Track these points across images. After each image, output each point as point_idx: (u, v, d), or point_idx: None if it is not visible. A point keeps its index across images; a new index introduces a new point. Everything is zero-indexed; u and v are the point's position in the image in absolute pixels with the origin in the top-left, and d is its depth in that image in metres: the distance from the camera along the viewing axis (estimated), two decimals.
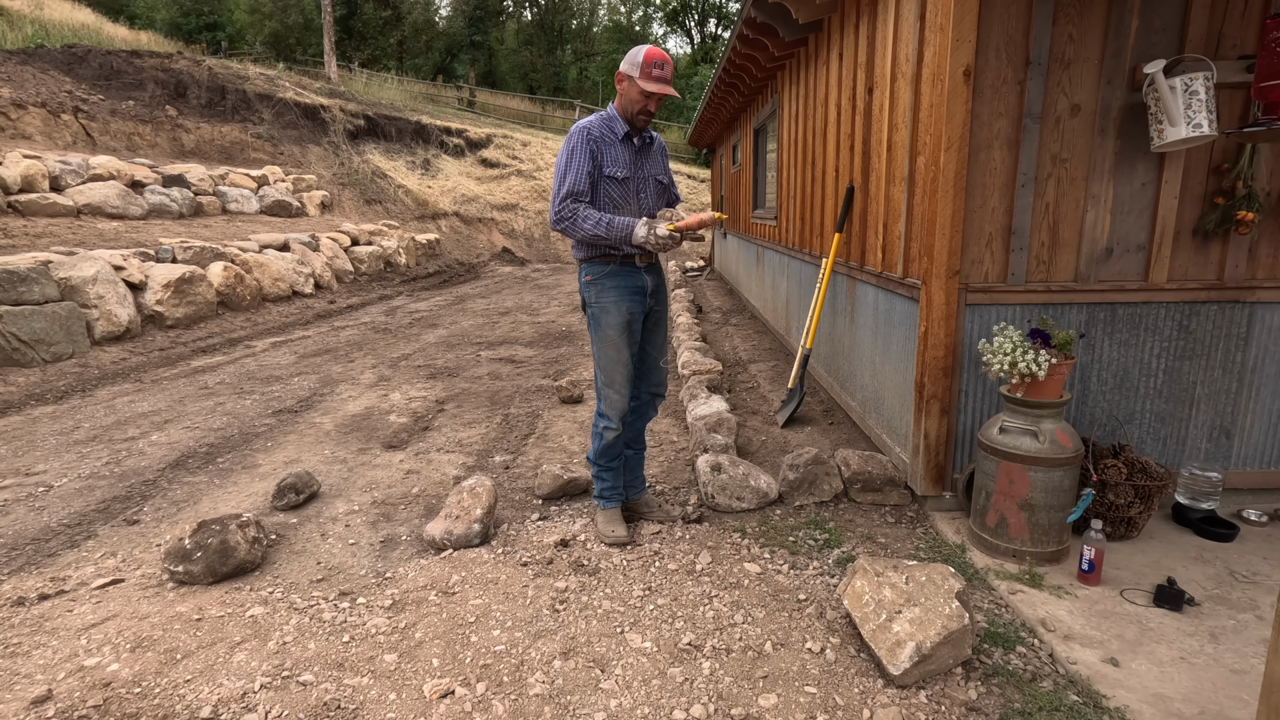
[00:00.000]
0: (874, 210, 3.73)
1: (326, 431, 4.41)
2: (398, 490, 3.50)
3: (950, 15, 2.65)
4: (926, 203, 2.91)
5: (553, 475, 3.35)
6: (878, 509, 3.19)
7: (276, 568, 2.76)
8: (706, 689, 2.04)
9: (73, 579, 2.68)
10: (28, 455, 4.00)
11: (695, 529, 3.01)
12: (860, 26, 3.90)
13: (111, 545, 2.95)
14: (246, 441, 4.23)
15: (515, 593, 2.54)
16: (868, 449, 3.70)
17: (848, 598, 2.26)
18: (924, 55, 3.00)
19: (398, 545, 2.94)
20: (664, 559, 2.77)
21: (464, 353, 6.79)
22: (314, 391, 5.37)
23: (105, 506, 3.33)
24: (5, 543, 2.96)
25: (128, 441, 4.22)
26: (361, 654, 2.21)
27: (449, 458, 3.96)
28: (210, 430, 4.43)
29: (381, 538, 3.01)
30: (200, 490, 3.52)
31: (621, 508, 3.05)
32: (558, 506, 3.26)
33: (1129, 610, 2.37)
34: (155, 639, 2.29)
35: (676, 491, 3.41)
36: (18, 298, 5.77)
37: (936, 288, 2.88)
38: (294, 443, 4.21)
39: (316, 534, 3.04)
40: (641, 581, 2.61)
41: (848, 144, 4.18)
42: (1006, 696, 1.99)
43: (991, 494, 2.69)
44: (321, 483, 3.52)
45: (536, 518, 3.14)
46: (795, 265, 5.91)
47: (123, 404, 5.02)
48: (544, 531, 3.00)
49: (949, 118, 2.72)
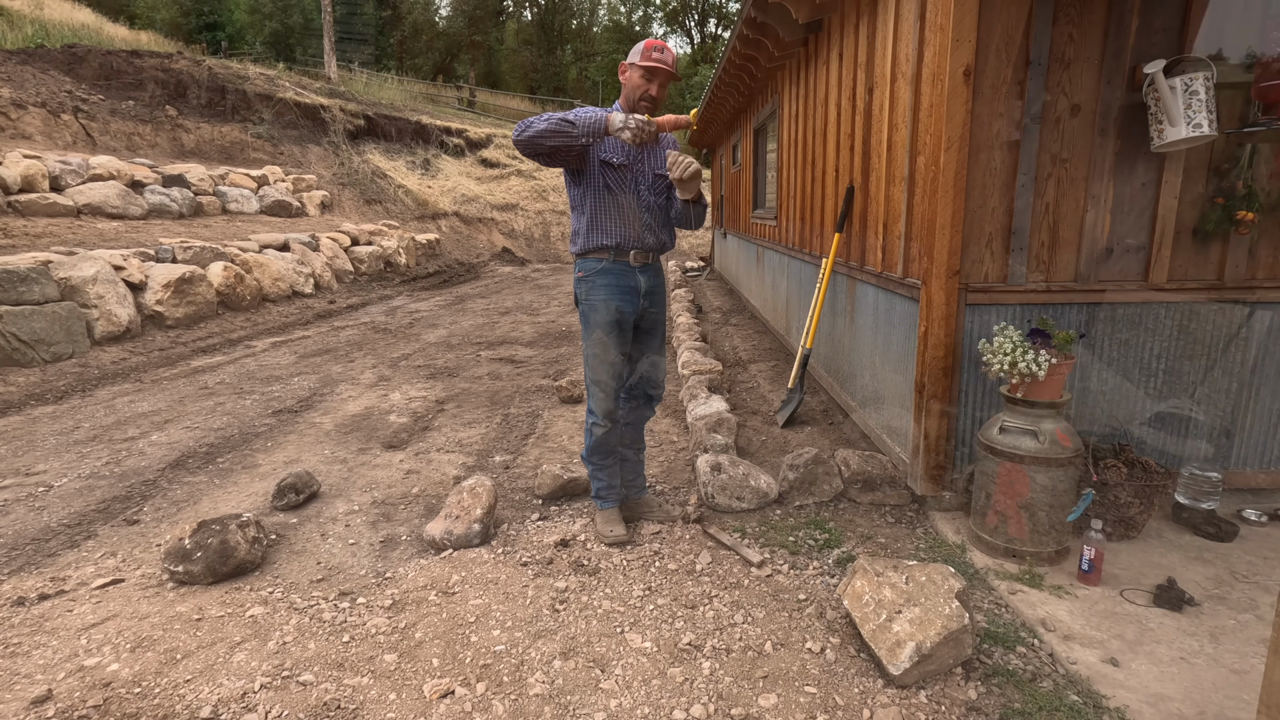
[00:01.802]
0: (874, 210, 3.73)
1: (326, 431, 4.41)
2: (397, 490, 3.50)
3: (950, 15, 2.65)
4: (926, 203, 2.91)
5: (553, 475, 3.35)
6: (878, 509, 3.19)
7: (277, 568, 2.76)
8: (706, 689, 2.03)
9: (73, 579, 2.68)
10: (27, 455, 4.00)
11: (694, 529, 3.01)
12: (860, 26, 3.89)
13: (111, 545, 2.95)
14: (246, 441, 4.23)
15: (515, 593, 2.54)
16: (868, 449, 3.70)
17: (848, 598, 2.26)
18: (924, 55, 3.00)
19: (398, 545, 2.94)
20: (664, 559, 2.77)
21: (464, 353, 6.79)
22: (314, 391, 5.36)
23: (105, 506, 3.33)
24: (5, 542, 2.96)
25: (128, 441, 4.22)
26: (362, 654, 2.21)
27: (449, 458, 3.96)
28: (210, 430, 4.43)
29: (382, 538, 3.01)
30: (200, 490, 3.52)
31: (621, 507, 3.05)
32: (558, 506, 3.26)
33: (1129, 610, 2.37)
34: (155, 639, 2.29)
35: (676, 491, 3.41)
36: (18, 298, 5.77)
37: (937, 288, 2.88)
38: (294, 443, 4.21)
39: (316, 534, 3.04)
40: (641, 581, 2.61)
41: (848, 144, 4.18)
42: (1007, 696, 1.99)
43: (992, 494, 2.69)
44: (321, 483, 3.52)
45: (536, 518, 3.14)
46: (795, 265, 5.91)
47: (123, 404, 5.02)
48: (544, 531, 3.00)
49: (949, 118, 2.72)
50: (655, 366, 2.99)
